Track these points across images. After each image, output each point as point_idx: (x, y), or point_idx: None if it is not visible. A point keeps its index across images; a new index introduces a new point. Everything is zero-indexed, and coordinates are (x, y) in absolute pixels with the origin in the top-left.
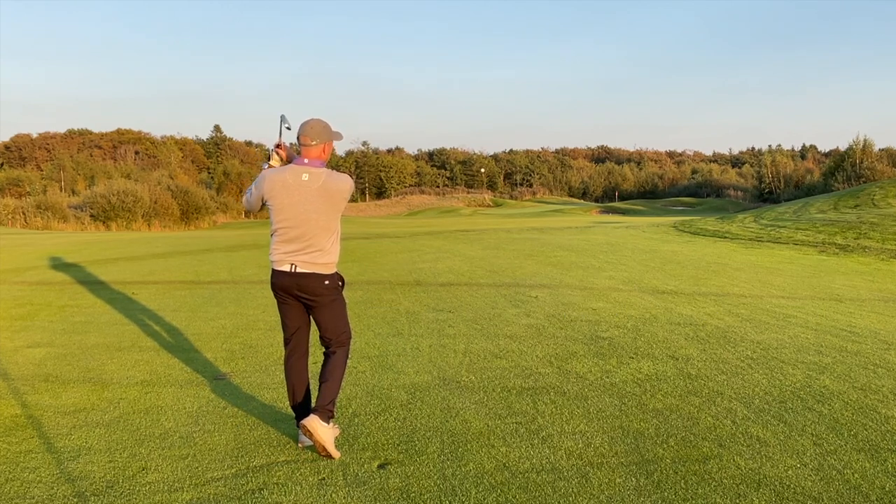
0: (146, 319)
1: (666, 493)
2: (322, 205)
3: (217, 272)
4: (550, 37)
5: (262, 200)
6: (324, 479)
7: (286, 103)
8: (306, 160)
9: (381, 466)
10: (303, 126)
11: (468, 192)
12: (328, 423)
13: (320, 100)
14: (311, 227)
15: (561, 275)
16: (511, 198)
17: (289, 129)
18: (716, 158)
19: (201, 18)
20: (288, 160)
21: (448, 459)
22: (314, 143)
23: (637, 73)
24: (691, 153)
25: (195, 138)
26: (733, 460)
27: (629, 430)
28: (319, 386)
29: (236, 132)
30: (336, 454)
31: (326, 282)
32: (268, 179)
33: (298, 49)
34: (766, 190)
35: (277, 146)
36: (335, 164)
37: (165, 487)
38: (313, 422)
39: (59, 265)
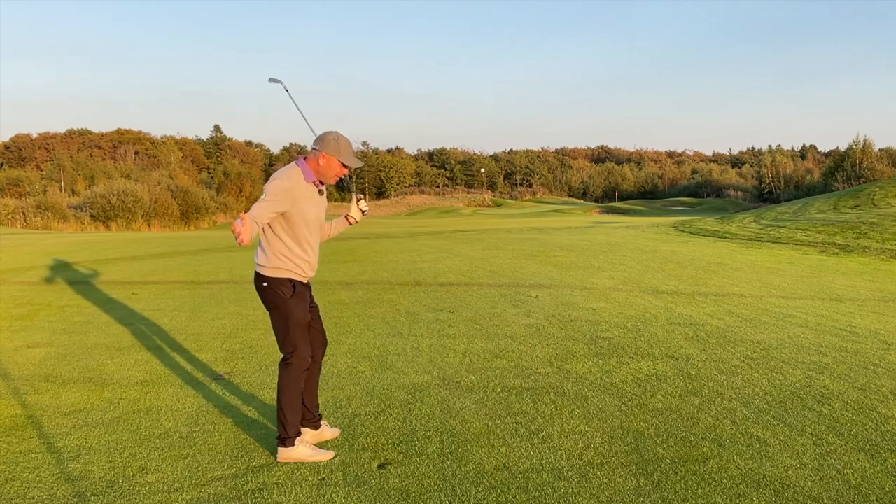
0: (146, 319)
1: (666, 493)
2: None
3: (217, 272)
4: (550, 36)
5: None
6: (324, 479)
7: (286, 102)
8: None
9: (381, 466)
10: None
11: (468, 192)
12: (293, 444)
13: (321, 99)
14: None
15: (561, 275)
16: (511, 198)
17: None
18: (716, 158)
19: (201, 18)
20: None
21: (448, 459)
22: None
23: (637, 72)
24: (691, 153)
25: (195, 138)
26: (733, 460)
27: (629, 430)
28: None
29: (236, 132)
30: (325, 457)
31: (264, 284)
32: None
33: (299, 48)
34: (766, 190)
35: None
36: None
37: (165, 487)
38: (280, 456)
39: (59, 265)
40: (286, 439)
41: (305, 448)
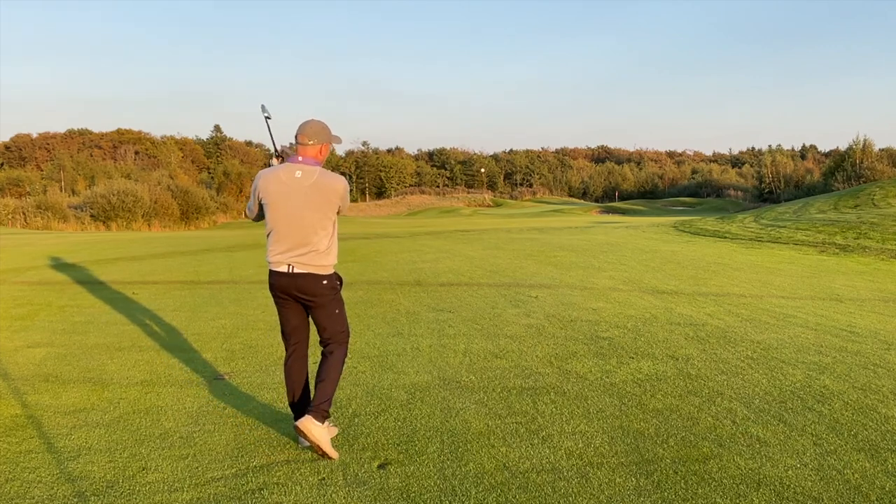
0: (146, 319)
1: (666, 493)
2: (315, 202)
3: (217, 272)
4: (550, 36)
5: (259, 201)
6: (324, 479)
7: (287, 103)
8: (300, 158)
9: (381, 466)
10: (302, 125)
11: (468, 192)
12: (323, 422)
13: (321, 99)
14: (306, 226)
15: (561, 275)
16: (511, 198)
17: (268, 118)
18: (716, 158)
19: (202, 18)
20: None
21: (448, 459)
22: (311, 142)
23: (637, 72)
24: (691, 153)
25: (195, 138)
26: (733, 460)
27: (629, 430)
28: (315, 385)
29: (236, 132)
30: (333, 454)
31: (325, 282)
32: (262, 178)
33: (299, 48)
34: (766, 190)
35: (278, 156)
36: (335, 164)
37: (165, 487)
38: (307, 422)
39: (59, 265)
40: (327, 414)
41: (327, 434)
